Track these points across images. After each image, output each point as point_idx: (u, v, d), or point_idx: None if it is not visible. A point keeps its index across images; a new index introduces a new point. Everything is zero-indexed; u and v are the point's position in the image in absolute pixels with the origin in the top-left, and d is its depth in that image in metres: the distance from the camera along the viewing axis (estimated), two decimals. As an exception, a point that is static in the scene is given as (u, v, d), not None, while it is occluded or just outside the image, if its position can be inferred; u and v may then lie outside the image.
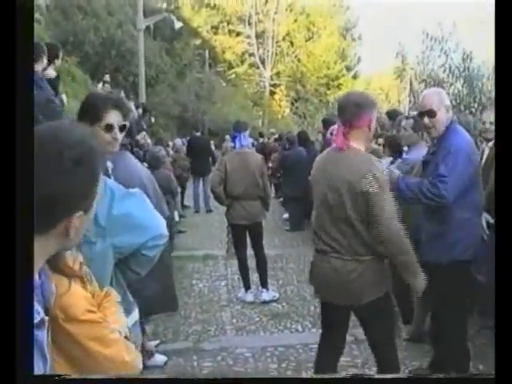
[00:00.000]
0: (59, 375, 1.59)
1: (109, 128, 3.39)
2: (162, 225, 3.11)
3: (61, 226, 1.62)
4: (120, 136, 3.48)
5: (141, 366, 2.32)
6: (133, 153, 8.81)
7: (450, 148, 4.51)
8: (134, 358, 2.27)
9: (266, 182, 8.20)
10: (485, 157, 5.99)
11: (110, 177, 3.40)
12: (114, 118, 3.41)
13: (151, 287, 3.50)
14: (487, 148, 6.11)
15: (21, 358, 1.45)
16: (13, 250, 1.48)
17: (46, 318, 1.66)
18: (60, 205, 1.58)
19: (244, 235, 8.12)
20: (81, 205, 1.64)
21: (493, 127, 6.05)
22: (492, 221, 5.34)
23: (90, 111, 3.48)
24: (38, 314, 1.60)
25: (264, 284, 8.03)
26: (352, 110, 3.90)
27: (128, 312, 2.96)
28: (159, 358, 5.89)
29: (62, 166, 1.57)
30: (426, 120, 4.66)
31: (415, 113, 6.23)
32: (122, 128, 3.48)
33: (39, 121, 2.69)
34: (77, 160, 1.61)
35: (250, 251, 8.19)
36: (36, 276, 1.65)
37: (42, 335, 1.63)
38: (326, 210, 4.05)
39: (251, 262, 8.19)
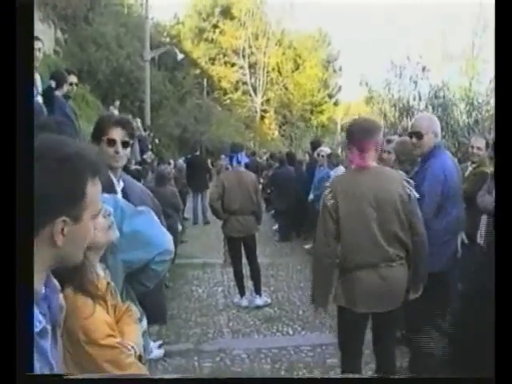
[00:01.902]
0: (59, 375, 1.50)
1: (111, 142, 3.37)
2: (169, 241, 3.01)
3: (45, 231, 1.43)
4: (123, 151, 3.41)
5: None
6: (137, 171, 8.71)
7: (429, 169, 4.50)
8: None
9: (260, 198, 8.18)
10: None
11: (116, 193, 3.31)
12: (116, 134, 3.39)
13: (146, 299, 3.36)
14: (471, 167, 6.20)
15: (21, 358, 1.34)
16: (13, 251, 1.36)
17: (49, 328, 1.50)
18: (41, 207, 1.39)
19: (239, 246, 8.00)
20: (64, 209, 1.45)
21: (478, 151, 6.06)
22: (466, 241, 5.29)
23: (97, 128, 3.48)
24: (40, 322, 1.44)
25: (257, 290, 7.91)
26: (363, 136, 3.78)
27: (137, 322, 2.85)
28: (158, 352, 5.78)
29: (44, 167, 1.40)
30: (414, 140, 4.67)
31: (394, 136, 6.19)
32: (124, 144, 3.42)
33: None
34: (59, 161, 1.43)
35: (244, 260, 8.05)
36: (41, 287, 1.50)
37: (46, 344, 1.47)
38: (368, 225, 3.75)
39: (246, 270, 8.07)
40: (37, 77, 6.70)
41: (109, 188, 3.06)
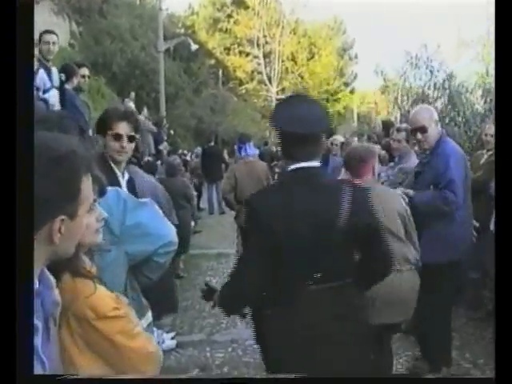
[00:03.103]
0: (59, 375, 1.50)
1: (117, 137, 3.39)
2: (172, 232, 3.01)
3: (44, 230, 1.44)
4: (128, 145, 3.42)
5: (162, 358, 2.26)
6: (149, 162, 8.72)
7: (445, 156, 4.45)
8: (157, 349, 2.24)
9: None
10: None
11: (120, 186, 3.31)
12: (122, 128, 3.41)
13: (154, 289, 3.37)
14: (486, 155, 6.16)
15: (21, 358, 1.34)
16: (13, 250, 1.35)
17: (40, 325, 1.49)
18: (41, 207, 1.39)
19: None
20: (62, 208, 1.46)
21: (491, 139, 6.02)
22: (477, 224, 5.23)
23: (103, 122, 3.52)
24: None
25: None
26: (358, 163, 3.86)
27: (142, 315, 2.86)
28: (170, 343, 5.80)
29: (39, 167, 1.39)
30: (419, 135, 4.61)
31: (404, 125, 6.13)
32: (130, 138, 3.44)
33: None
34: (54, 161, 1.43)
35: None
36: (35, 283, 1.49)
37: (37, 341, 1.47)
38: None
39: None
40: (54, 70, 6.73)
41: (112, 181, 3.06)
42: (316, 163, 2.85)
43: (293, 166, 2.84)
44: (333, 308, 2.76)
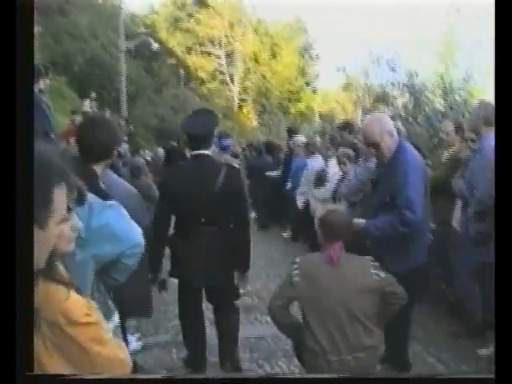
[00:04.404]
0: (59, 375, 1.56)
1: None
2: (138, 234, 2.99)
3: None
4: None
5: (131, 364, 2.20)
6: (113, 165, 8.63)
7: (402, 168, 4.25)
8: (127, 355, 2.21)
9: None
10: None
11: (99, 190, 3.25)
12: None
13: (127, 292, 3.35)
14: (447, 152, 6.19)
15: (21, 358, 1.36)
16: (13, 252, 1.36)
17: None
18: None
19: None
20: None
21: (447, 136, 6.09)
22: (433, 226, 5.28)
23: None
24: None
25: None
26: (329, 235, 3.73)
27: (108, 317, 2.83)
28: (136, 344, 5.76)
29: None
30: (372, 150, 4.46)
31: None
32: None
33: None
34: None
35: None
36: None
37: None
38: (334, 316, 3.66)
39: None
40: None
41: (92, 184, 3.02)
42: (206, 151, 4.51)
43: (192, 153, 4.63)
44: (213, 244, 4.51)
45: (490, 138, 4.90)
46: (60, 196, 1.54)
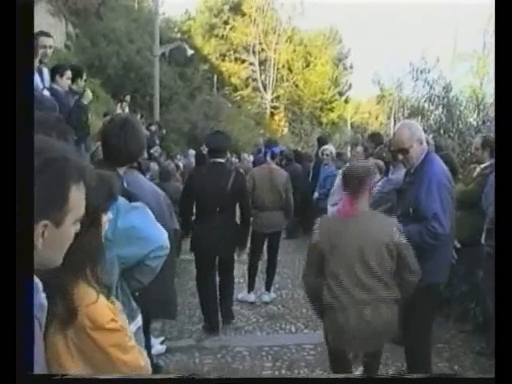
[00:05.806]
0: (59, 375, 1.52)
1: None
2: (163, 237, 3.01)
3: None
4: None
5: (151, 371, 2.27)
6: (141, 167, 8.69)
7: (428, 180, 4.24)
8: (147, 362, 2.24)
9: (290, 195, 8.14)
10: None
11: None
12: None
13: (153, 293, 3.37)
14: (479, 168, 6.08)
15: (21, 358, 1.34)
16: (13, 252, 1.35)
17: None
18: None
19: (263, 242, 8.10)
20: (47, 213, 1.43)
21: (476, 151, 6.01)
22: (458, 245, 5.21)
23: None
24: None
25: (269, 287, 7.95)
26: (356, 182, 3.89)
27: (132, 318, 2.86)
28: (160, 348, 5.78)
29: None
30: (400, 156, 4.47)
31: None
32: None
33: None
34: (44, 164, 1.42)
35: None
36: None
37: None
38: (352, 270, 3.83)
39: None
40: (45, 71, 6.68)
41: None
42: (222, 160, 6.58)
43: (211, 160, 6.63)
44: (223, 226, 6.46)
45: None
46: (77, 195, 1.52)
